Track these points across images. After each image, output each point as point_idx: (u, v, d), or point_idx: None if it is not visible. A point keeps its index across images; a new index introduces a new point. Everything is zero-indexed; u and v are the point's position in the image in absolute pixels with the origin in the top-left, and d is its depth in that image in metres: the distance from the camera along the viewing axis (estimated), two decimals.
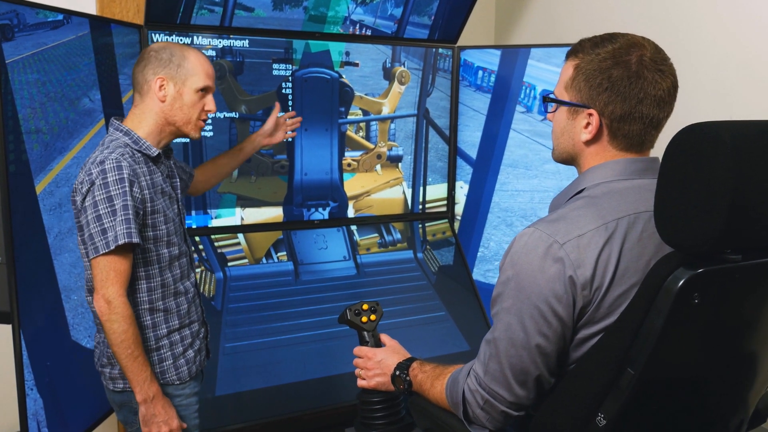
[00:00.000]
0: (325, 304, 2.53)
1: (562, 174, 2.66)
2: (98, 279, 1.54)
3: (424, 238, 2.84)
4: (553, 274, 1.14)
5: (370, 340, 1.57)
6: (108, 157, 1.54)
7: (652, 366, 1.08)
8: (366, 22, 2.60)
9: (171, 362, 1.70)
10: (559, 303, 1.14)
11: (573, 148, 1.30)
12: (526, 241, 1.18)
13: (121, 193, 1.52)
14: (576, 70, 1.25)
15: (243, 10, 2.37)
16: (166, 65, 1.65)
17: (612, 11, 2.68)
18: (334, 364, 2.42)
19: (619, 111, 1.21)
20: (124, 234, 1.51)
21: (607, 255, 1.14)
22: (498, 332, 1.21)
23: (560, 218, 1.19)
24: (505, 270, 1.21)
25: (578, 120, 1.26)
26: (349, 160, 2.69)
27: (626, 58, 1.20)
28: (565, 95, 1.28)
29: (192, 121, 1.69)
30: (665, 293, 1.05)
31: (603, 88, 1.21)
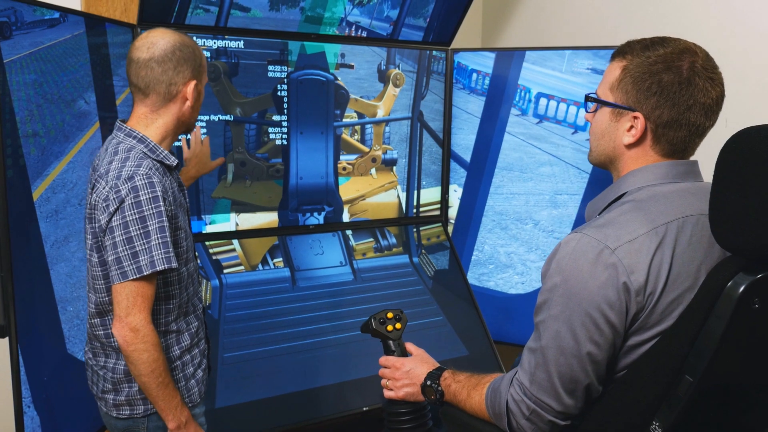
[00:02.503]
0: (323, 311, 2.48)
1: (557, 177, 2.67)
2: (123, 306, 1.40)
3: (419, 242, 2.81)
4: (605, 280, 1.12)
5: (396, 350, 1.53)
6: (137, 173, 1.41)
7: (711, 372, 1.07)
8: (362, 23, 2.56)
9: (183, 384, 1.61)
10: (611, 310, 1.12)
11: (613, 151, 1.28)
12: (574, 246, 1.16)
13: (155, 213, 1.40)
14: (624, 71, 1.23)
15: (239, 10, 2.30)
16: (193, 67, 1.52)
17: (600, 15, 2.70)
18: (336, 373, 2.37)
19: (666, 116, 1.20)
20: (163, 260, 1.39)
21: (659, 260, 1.13)
22: (546, 340, 1.18)
23: (608, 223, 1.17)
24: (551, 276, 1.18)
25: (622, 122, 1.24)
26: (344, 163, 2.65)
27: (678, 64, 1.19)
28: (609, 96, 1.26)
29: (195, 117, 1.60)
30: (726, 299, 1.04)
31: (652, 91, 1.20)
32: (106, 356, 1.56)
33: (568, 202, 2.66)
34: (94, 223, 1.46)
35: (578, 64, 2.59)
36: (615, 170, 1.32)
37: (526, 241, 2.76)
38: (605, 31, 2.68)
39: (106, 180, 1.43)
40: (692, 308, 1.09)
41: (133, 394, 1.54)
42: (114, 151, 1.48)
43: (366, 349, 2.43)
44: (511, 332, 2.79)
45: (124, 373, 1.53)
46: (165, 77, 1.49)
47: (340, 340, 2.43)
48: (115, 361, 1.54)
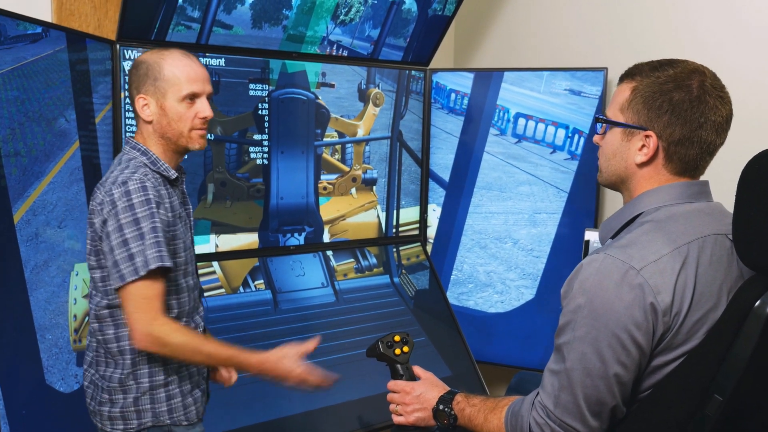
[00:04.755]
0: (306, 334, 2.42)
1: (536, 196, 2.70)
2: (129, 311, 1.39)
3: (399, 262, 2.79)
4: (631, 300, 1.11)
5: (404, 374, 1.50)
6: (131, 177, 1.42)
7: (739, 391, 1.08)
8: (343, 42, 2.54)
9: (180, 400, 1.55)
10: (638, 330, 1.12)
11: (625, 171, 1.28)
12: (598, 267, 1.15)
13: (148, 215, 1.40)
14: (633, 92, 1.24)
15: (221, 27, 2.26)
16: (143, 82, 1.52)
17: (569, 36, 2.76)
18: (321, 397, 2.31)
19: (678, 134, 1.21)
20: (156, 257, 1.38)
21: (683, 280, 1.13)
22: (571, 362, 1.17)
23: (630, 244, 1.17)
24: (575, 297, 1.17)
25: (633, 142, 1.25)
26: (325, 183, 2.61)
27: (688, 83, 1.21)
28: (620, 117, 1.27)
29: (184, 134, 1.54)
30: (754, 318, 1.05)
31: (663, 110, 1.21)
32: (105, 364, 1.52)
33: (547, 221, 2.69)
34: (92, 229, 1.47)
35: (556, 85, 2.63)
36: (626, 190, 1.32)
37: (506, 259, 2.77)
38: (574, 53, 2.74)
39: (103, 185, 1.45)
40: (719, 328, 1.09)
41: (127, 405, 1.49)
42: (118, 162, 1.51)
43: (352, 372, 2.39)
44: (492, 351, 2.78)
45: (119, 383, 1.50)
46: (129, 95, 1.56)
47: (326, 363, 2.37)
48: (113, 369, 1.51)
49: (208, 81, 1.58)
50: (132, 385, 1.50)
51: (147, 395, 1.51)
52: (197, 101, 1.55)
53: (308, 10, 2.37)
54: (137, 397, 1.50)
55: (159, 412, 1.52)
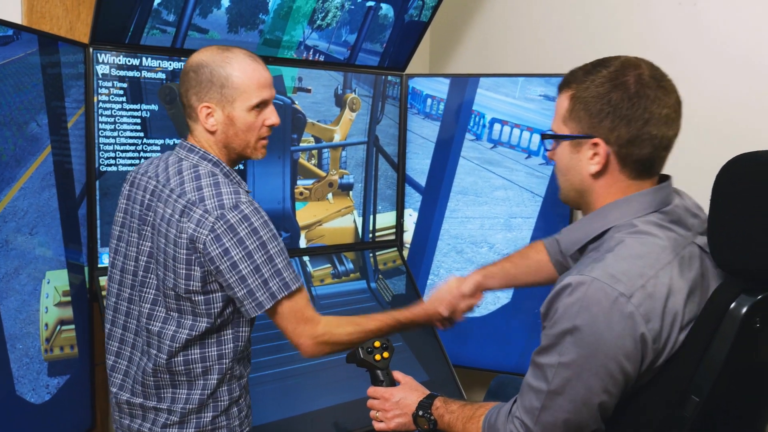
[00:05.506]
0: (283, 340, 2.39)
1: (512, 201, 2.72)
2: (290, 331, 1.46)
3: (375, 267, 2.78)
4: (621, 330, 1.07)
5: (384, 379, 1.49)
6: (240, 200, 1.38)
7: (716, 392, 1.09)
8: (320, 47, 2.54)
9: (246, 413, 1.58)
10: (628, 360, 1.09)
11: (581, 184, 1.23)
12: (585, 292, 1.09)
13: (272, 237, 1.40)
14: (572, 100, 1.20)
15: (197, 31, 2.24)
16: (206, 88, 1.42)
17: (544, 43, 2.79)
18: (295, 404, 2.30)
19: (625, 135, 1.15)
20: (294, 278, 1.42)
21: (673, 303, 1.11)
22: (555, 386, 1.14)
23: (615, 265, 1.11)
24: (559, 322, 1.12)
25: (583, 152, 1.20)
26: (301, 188, 2.60)
27: (623, 79, 1.16)
28: (564, 129, 1.22)
29: (251, 144, 1.48)
30: (730, 319, 1.07)
31: (604, 113, 1.15)
32: (174, 387, 1.47)
33: (522, 226, 2.71)
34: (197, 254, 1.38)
35: (531, 91, 2.66)
36: (587, 204, 1.26)
37: (482, 264, 2.77)
38: (549, 57, 2.77)
39: (201, 207, 1.37)
40: (697, 330, 1.11)
41: (204, 426, 1.47)
42: (195, 174, 1.43)
43: (331, 378, 2.38)
44: (469, 355, 2.79)
45: (198, 403, 1.46)
46: (185, 100, 1.47)
47: (303, 369, 2.37)
48: (188, 391, 1.46)
49: (273, 84, 1.51)
50: (210, 404, 1.47)
51: (224, 414, 1.49)
52: (265, 109, 1.48)
53: (285, 15, 2.36)
54: (215, 416, 1.48)
55: (233, 427, 1.52)
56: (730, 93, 2.22)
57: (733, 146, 1.27)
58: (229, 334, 1.48)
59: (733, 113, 2.21)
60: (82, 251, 2.05)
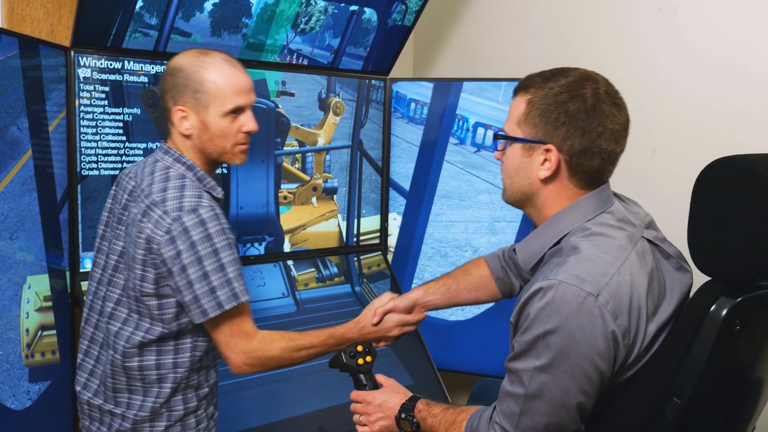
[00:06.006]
0: None
1: (496, 205, 2.73)
2: (222, 343, 1.39)
3: (360, 271, 2.78)
4: (592, 330, 1.09)
5: (367, 383, 1.49)
6: (200, 204, 1.35)
7: (697, 394, 1.11)
8: (304, 51, 2.54)
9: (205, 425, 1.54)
10: (601, 359, 1.11)
11: (529, 187, 1.24)
12: (553, 295, 1.11)
13: (227, 245, 1.36)
14: (529, 105, 1.21)
15: (180, 35, 2.23)
16: (180, 92, 1.41)
17: (526, 47, 2.81)
18: (278, 409, 2.30)
19: (578, 146, 1.18)
20: (244, 291, 1.38)
21: (637, 297, 1.13)
22: (532, 390, 1.14)
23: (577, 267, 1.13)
24: (531, 327, 1.13)
25: (534, 157, 1.21)
26: (285, 192, 2.60)
27: (582, 92, 1.18)
28: (518, 131, 1.23)
29: (227, 150, 1.46)
30: (711, 322, 1.08)
31: (560, 122, 1.18)
32: (130, 392, 1.45)
33: (506, 229, 2.72)
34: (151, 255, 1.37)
35: None
36: (532, 207, 1.28)
37: None
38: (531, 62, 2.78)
39: (161, 208, 1.36)
40: (677, 332, 1.13)
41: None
42: (165, 176, 1.41)
43: (314, 382, 2.38)
44: (453, 359, 2.80)
45: (151, 411, 1.43)
46: (164, 103, 1.46)
47: (287, 373, 2.36)
48: (142, 398, 1.44)
49: (253, 90, 1.48)
50: (164, 413, 1.44)
51: (178, 424, 1.46)
52: (242, 114, 1.45)
53: (268, 19, 2.36)
54: (169, 426, 1.45)
55: None
56: (709, 98, 2.25)
57: (711, 151, 1.29)
58: (187, 343, 1.46)
59: (712, 118, 2.24)
60: (63, 256, 2.03)
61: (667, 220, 1.44)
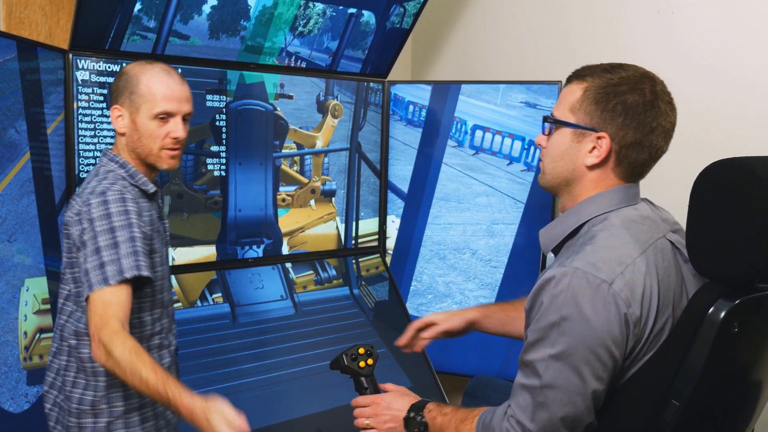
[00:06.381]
0: (266, 347, 2.40)
1: (494, 207, 2.73)
2: (93, 321, 1.30)
3: (358, 274, 2.78)
4: (606, 315, 1.11)
5: (369, 386, 1.49)
6: (110, 188, 1.40)
7: (695, 396, 1.11)
8: (302, 54, 2.54)
9: (152, 423, 1.52)
10: (615, 345, 1.11)
11: (572, 173, 1.26)
12: (569, 283, 1.13)
13: (126, 225, 1.36)
14: (585, 92, 1.22)
15: (178, 37, 2.23)
16: (120, 93, 1.51)
17: (525, 50, 2.81)
18: (280, 411, 2.29)
19: (631, 138, 1.20)
20: (132, 266, 1.32)
21: (649, 289, 1.14)
22: (548, 380, 1.14)
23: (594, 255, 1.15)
24: (546, 314, 1.14)
25: (584, 144, 1.23)
26: (283, 195, 2.60)
27: (641, 86, 1.21)
28: (570, 117, 1.24)
29: (154, 152, 1.53)
30: (709, 324, 1.08)
31: (617, 112, 1.20)
32: (75, 385, 1.46)
33: (504, 232, 2.72)
34: (68, 240, 1.43)
35: (512, 98, 2.68)
36: (569, 194, 1.30)
37: (464, 270, 2.79)
38: (529, 67, 2.79)
39: (80, 196, 1.43)
40: (676, 334, 1.13)
41: (98, 431, 1.43)
42: (95, 173, 1.50)
43: (313, 385, 2.38)
44: (452, 361, 2.80)
45: (90, 406, 1.44)
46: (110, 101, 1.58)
47: (286, 376, 2.36)
48: (83, 390, 1.45)
49: (187, 101, 1.55)
50: (104, 409, 1.44)
51: (120, 420, 1.45)
52: (171, 121, 1.52)
53: (266, 22, 2.36)
54: (110, 422, 1.45)
55: None
56: (707, 100, 2.25)
57: (710, 153, 1.30)
58: None
59: (711, 120, 2.24)
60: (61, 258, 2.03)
61: None
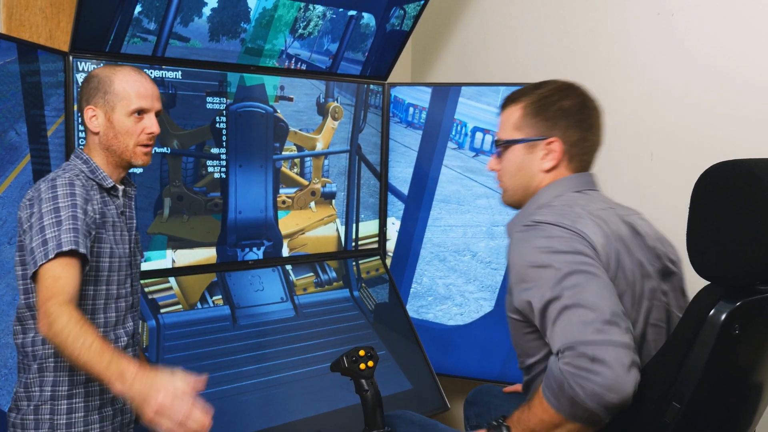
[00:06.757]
0: (266, 350, 2.40)
1: (494, 209, 2.73)
2: (41, 295, 1.30)
3: (358, 276, 2.78)
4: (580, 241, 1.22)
5: (369, 388, 1.49)
6: (61, 176, 1.45)
7: (696, 397, 1.11)
8: (302, 56, 2.54)
9: (82, 415, 1.50)
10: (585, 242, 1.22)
11: (532, 180, 1.38)
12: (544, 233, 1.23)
13: (69, 205, 1.39)
14: (524, 110, 1.37)
15: (178, 40, 2.23)
16: (93, 94, 1.56)
17: (524, 52, 2.81)
18: (280, 413, 2.29)
19: (575, 136, 1.35)
20: (70, 241, 1.33)
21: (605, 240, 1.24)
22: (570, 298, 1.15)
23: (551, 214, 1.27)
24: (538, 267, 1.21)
25: (536, 153, 1.37)
26: (283, 197, 2.60)
27: (570, 92, 1.37)
28: (518, 134, 1.38)
29: (129, 148, 1.57)
30: (710, 326, 1.08)
31: (558, 117, 1.35)
32: (19, 368, 1.52)
33: (504, 234, 2.71)
34: (20, 225, 1.46)
35: None
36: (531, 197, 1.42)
37: (464, 272, 2.79)
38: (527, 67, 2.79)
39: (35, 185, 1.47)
40: (677, 336, 1.13)
41: (28, 413, 1.46)
42: (60, 168, 1.55)
43: (313, 387, 2.37)
44: (452, 364, 2.80)
45: (24, 388, 1.48)
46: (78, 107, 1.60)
47: (286, 378, 2.36)
48: (23, 373, 1.49)
49: (158, 98, 1.61)
50: (35, 392, 1.47)
51: (48, 404, 1.47)
52: (145, 117, 1.58)
53: (266, 24, 2.36)
54: (38, 406, 1.47)
55: (57, 424, 1.48)
56: (707, 102, 2.25)
57: (710, 155, 1.30)
58: None
59: (711, 122, 2.24)
60: None
61: (666, 224, 1.45)
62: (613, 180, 2.47)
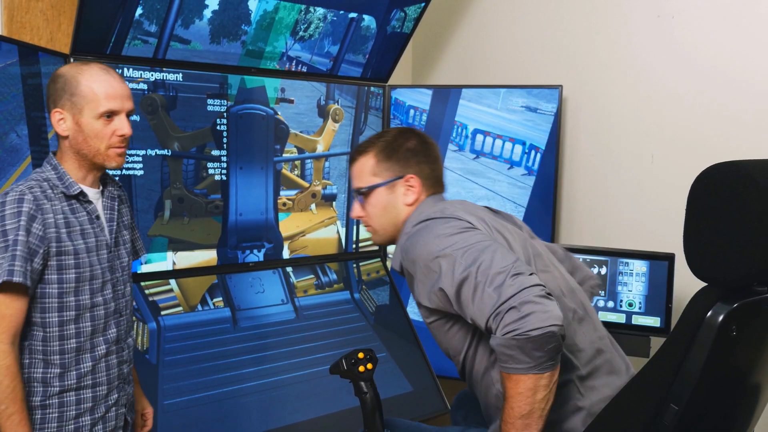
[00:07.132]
0: (267, 352, 2.40)
1: None
2: None
3: (359, 278, 2.78)
4: (464, 224, 1.36)
5: (368, 391, 1.49)
6: (14, 189, 1.41)
7: (694, 399, 1.10)
8: (303, 58, 2.55)
9: (55, 426, 1.48)
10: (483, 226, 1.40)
11: (398, 215, 1.51)
12: (428, 230, 1.36)
13: (14, 228, 1.36)
14: (376, 157, 1.52)
15: (179, 42, 2.24)
16: (60, 96, 1.48)
17: (525, 54, 2.82)
18: (280, 415, 2.29)
19: (426, 170, 1.52)
20: (6, 272, 1.33)
21: (485, 221, 1.43)
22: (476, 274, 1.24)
23: (430, 216, 1.41)
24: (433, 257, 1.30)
25: (396, 191, 1.51)
26: (284, 199, 2.60)
27: (408, 135, 1.55)
28: (377, 180, 1.51)
29: (101, 152, 1.50)
30: (707, 328, 1.08)
31: (408, 156, 1.51)
32: None
33: None
34: None
35: (512, 102, 2.68)
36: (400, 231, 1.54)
37: None
38: (526, 69, 2.80)
39: None
40: (674, 338, 1.12)
41: None
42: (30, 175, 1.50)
43: (313, 389, 2.37)
44: (452, 366, 2.78)
45: None
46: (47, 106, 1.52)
47: (286, 381, 2.36)
48: None
49: (129, 98, 1.53)
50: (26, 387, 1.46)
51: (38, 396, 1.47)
52: (115, 119, 1.50)
53: (267, 26, 2.37)
54: None
55: None
56: (706, 104, 2.25)
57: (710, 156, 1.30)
58: None
59: (709, 124, 2.24)
60: None
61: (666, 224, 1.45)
62: (615, 181, 2.48)
